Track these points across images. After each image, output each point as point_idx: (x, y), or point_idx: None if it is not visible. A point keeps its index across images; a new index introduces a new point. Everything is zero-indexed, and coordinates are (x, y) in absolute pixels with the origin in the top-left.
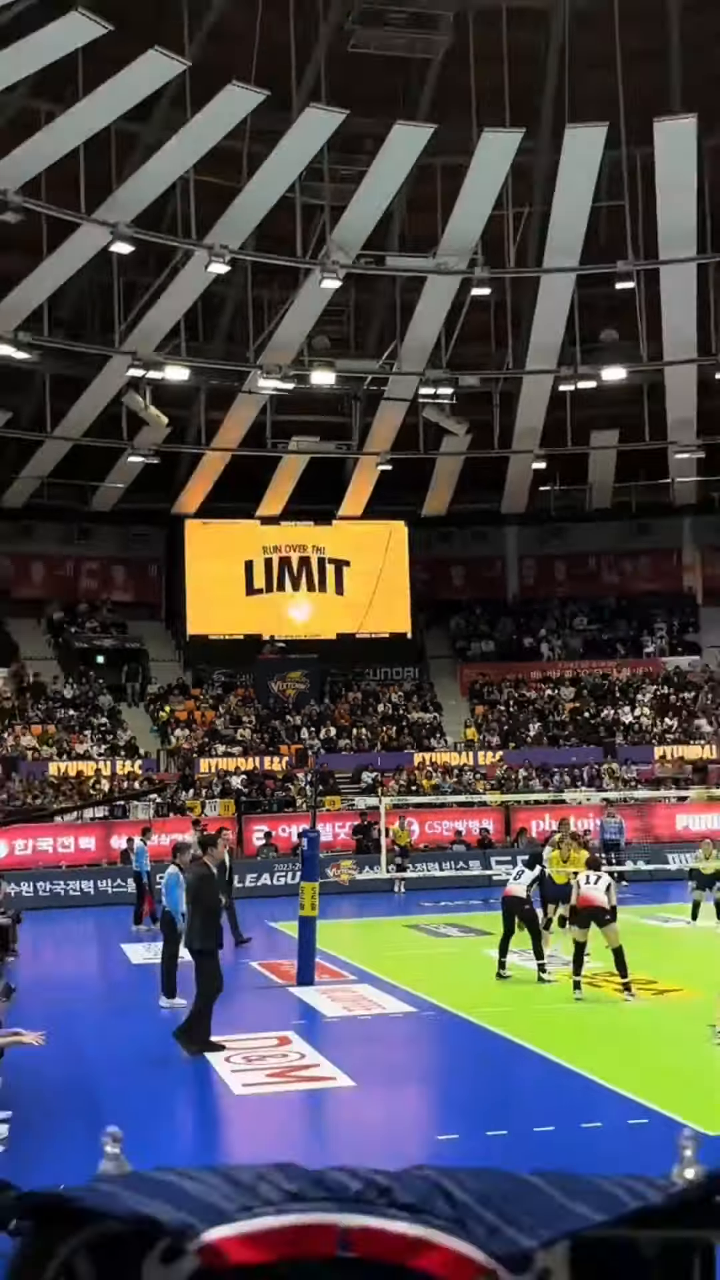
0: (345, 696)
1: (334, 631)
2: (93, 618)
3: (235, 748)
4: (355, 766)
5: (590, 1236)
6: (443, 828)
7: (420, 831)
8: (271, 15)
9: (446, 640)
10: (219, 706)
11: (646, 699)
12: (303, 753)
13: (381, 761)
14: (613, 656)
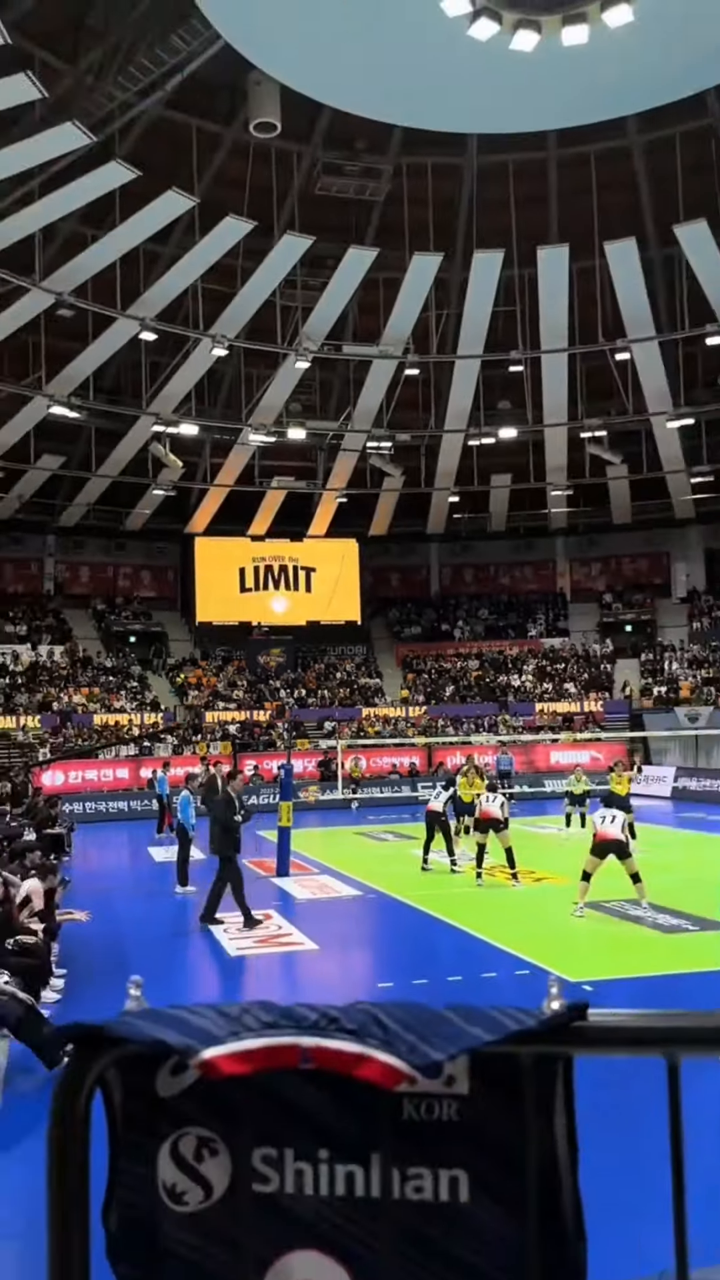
0: (312, 667)
1: (304, 619)
2: (126, 609)
3: (232, 704)
4: (319, 718)
5: (484, 1051)
6: (383, 762)
7: (367, 765)
8: (259, 165)
9: (386, 626)
10: (220, 674)
11: (530, 669)
12: (281, 708)
13: (338, 714)
14: (506, 638)
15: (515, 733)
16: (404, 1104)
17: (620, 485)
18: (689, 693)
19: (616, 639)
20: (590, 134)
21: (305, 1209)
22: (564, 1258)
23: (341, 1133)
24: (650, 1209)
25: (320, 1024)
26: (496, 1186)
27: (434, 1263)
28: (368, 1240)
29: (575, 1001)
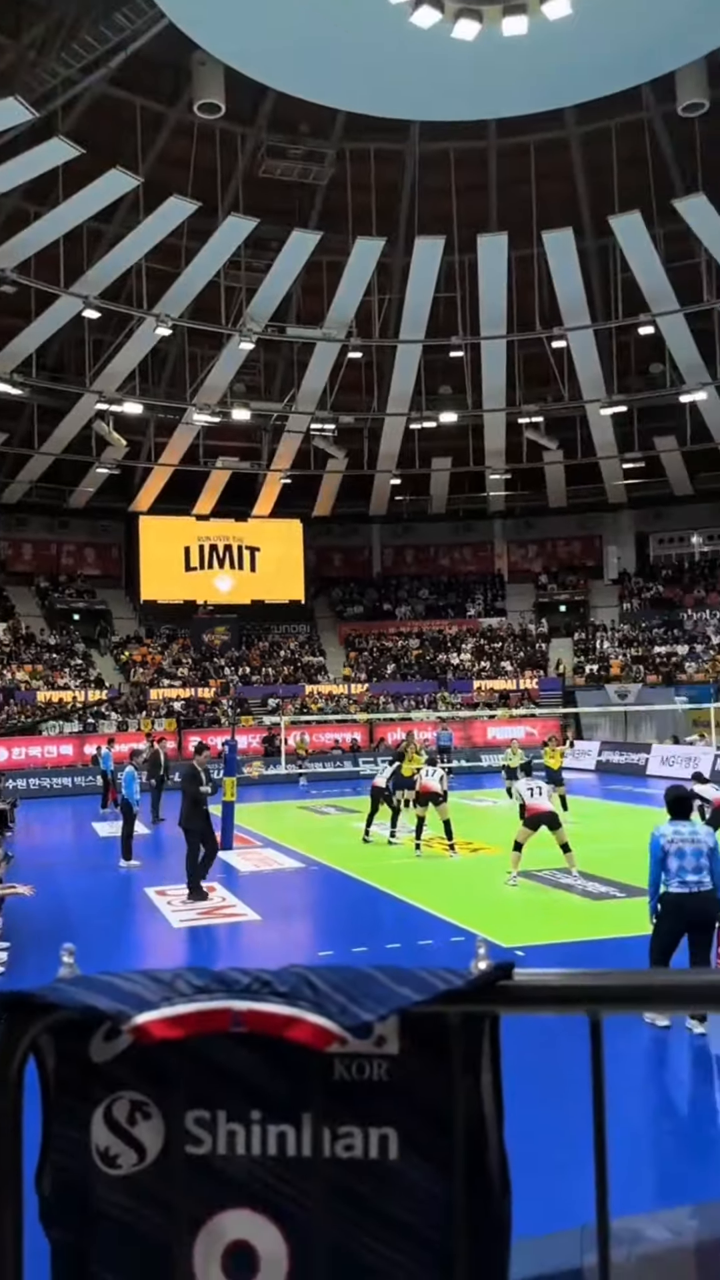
0: (257, 645)
1: (249, 598)
2: (70, 586)
3: (177, 681)
4: (263, 695)
5: (412, 1011)
6: (325, 738)
7: (311, 741)
8: (203, 146)
9: (329, 605)
10: (164, 651)
11: (468, 648)
12: (226, 685)
13: (282, 691)
14: (445, 618)
15: (454, 709)
16: (335, 1064)
17: (556, 470)
18: (619, 671)
19: (551, 619)
20: (529, 124)
21: (237, 1169)
22: (490, 1212)
23: (273, 1094)
24: (576, 1163)
25: (252, 987)
26: (425, 1144)
27: (364, 1219)
28: (299, 1198)
29: (501, 961)
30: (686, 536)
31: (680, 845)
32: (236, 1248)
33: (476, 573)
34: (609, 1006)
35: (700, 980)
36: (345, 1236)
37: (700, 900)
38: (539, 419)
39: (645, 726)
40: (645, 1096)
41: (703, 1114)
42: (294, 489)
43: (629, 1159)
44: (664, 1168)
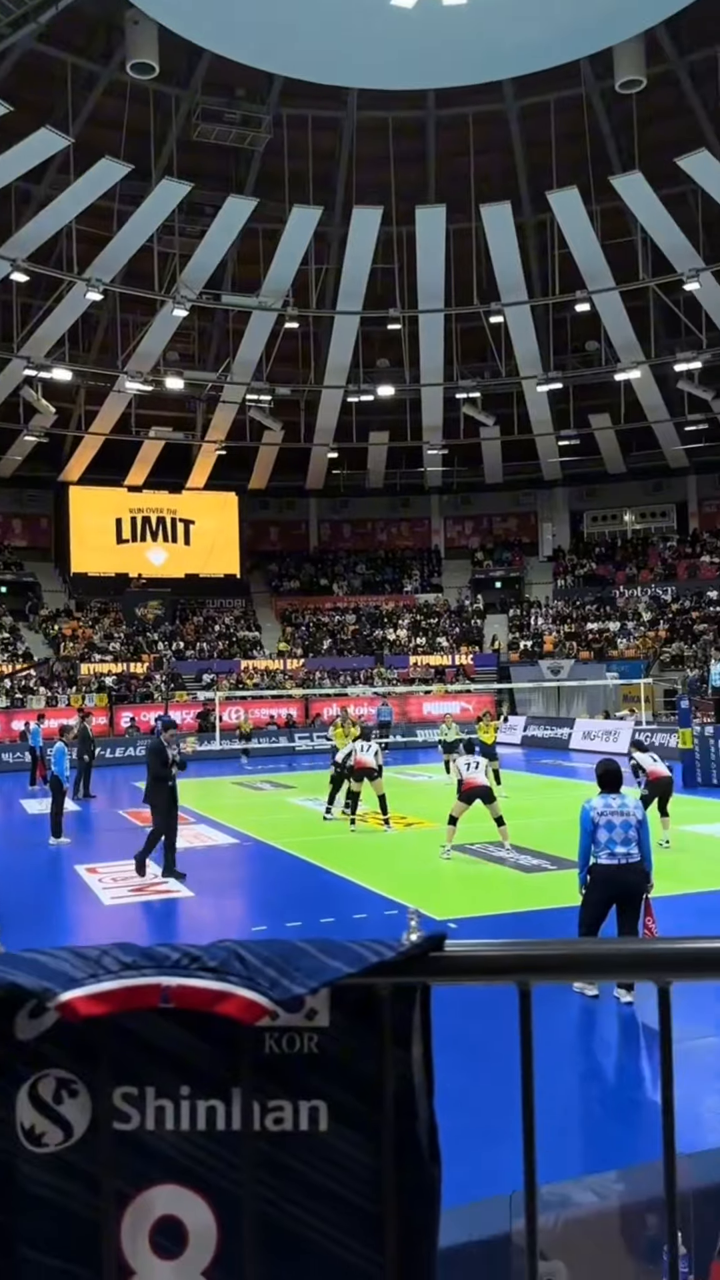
0: (191, 620)
1: (183, 572)
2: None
3: (108, 656)
4: (198, 670)
5: (343, 983)
6: (261, 714)
7: (244, 716)
8: (137, 107)
9: (265, 580)
10: (95, 626)
11: (405, 623)
12: (159, 660)
13: (217, 667)
14: (382, 593)
15: (390, 685)
16: (265, 1038)
17: (493, 446)
18: (552, 646)
19: (487, 595)
20: (468, 95)
21: (166, 1145)
22: (419, 1181)
23: (203, 1069)
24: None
25: (181, 963)
26: (355, 1115)
27: (294, 1190)
28: (228, 1172)
29: (433, 933)
30: (619, 514)
31: (610, 818)
32: (165, 1223)
33: (413, 548)
34: (537, 976)
35: (625, 949)
36: (275, 1209)
37: (628, 872)
38: (476, 395)
39: (577, 702)
40: (575, 1064)
41: (629, 1080)
42: (229, 461)
43: (559, 1126)
44: (592, 1134)
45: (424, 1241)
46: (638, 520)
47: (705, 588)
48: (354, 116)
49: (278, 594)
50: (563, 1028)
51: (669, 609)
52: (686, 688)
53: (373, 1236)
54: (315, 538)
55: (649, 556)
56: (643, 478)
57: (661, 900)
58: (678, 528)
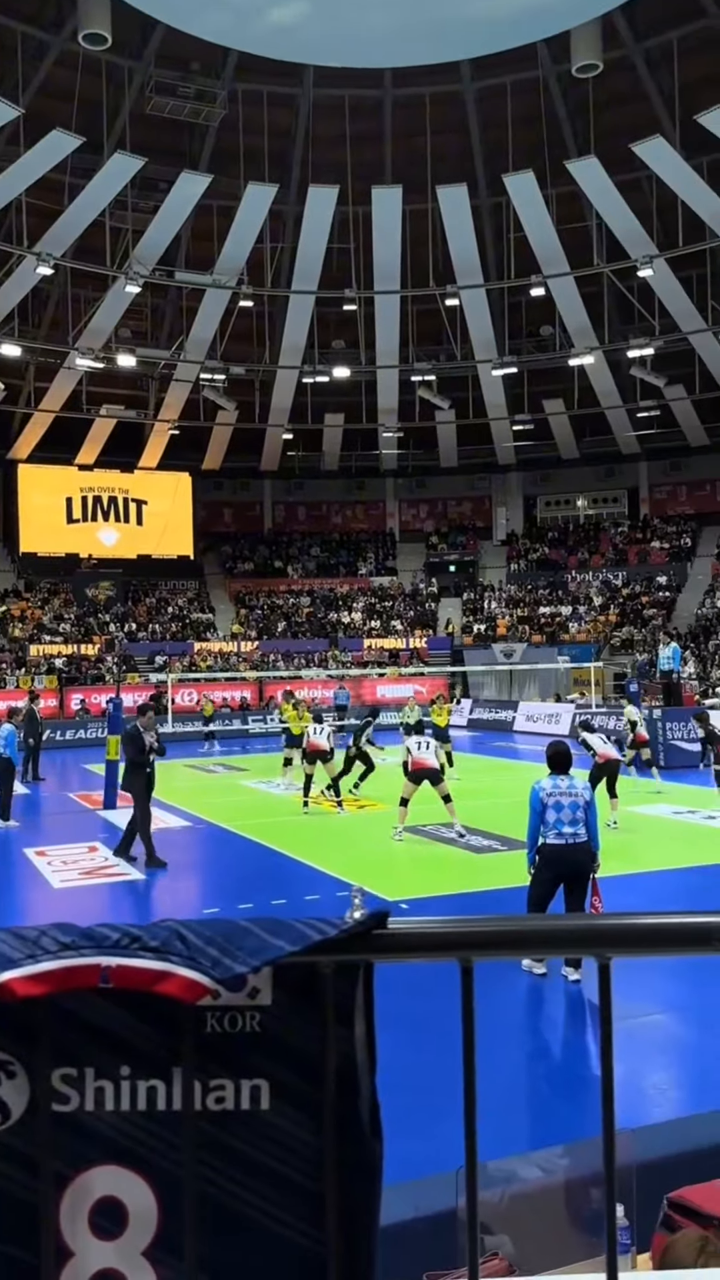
0: (143, 601)
1: (135, 552)
2: None
3: (58, 638)
4: (150, 652)
5: (286, 962)
6: (215, 697)
7: (198, 699)
8: (89, 78)
9: (219, 561)
10: (45, 607)
11: (359, 606)
12: (110, 642)
13: (170, 649)
14: (337, 576)
15: (344, 667)
16: (207, 1018)
17: (448, 430)
18: (505, 630)
19: (441, 578)
20: (425, 76)
21: (106, 1126)
22: (361, 1158)
23: (143, 1049)
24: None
25: (121, 943)
26: (297, 1093)
27: (235, 1169)
28: (169, 1152)
29: (376, 910)
30: (572, 499)
31: (558, 799)
32: (104, 1204)
33: (368, 531)
34: (478, 953)
35: (564, 925)
36: (216, 1188)
37: (576, 851)
38: (431, 378)
39: (529, 685)
40: (522, 1041)
41: (576, 1057)
42: (182, 441)
43: (506, 1102)
44: (539, 1109)
45: (365, 1218)
46: (590, 505)
47: (655, 573)
48: (310, 94)
49: (231, 576)
50: (511, 1005)
51: (620, 594)
52: (636, 671)
53: (314, 1214)
54: (270, 519)
55: (600, 542)
56: (595, 463)
57: (609, 880)
58: (629, 513)
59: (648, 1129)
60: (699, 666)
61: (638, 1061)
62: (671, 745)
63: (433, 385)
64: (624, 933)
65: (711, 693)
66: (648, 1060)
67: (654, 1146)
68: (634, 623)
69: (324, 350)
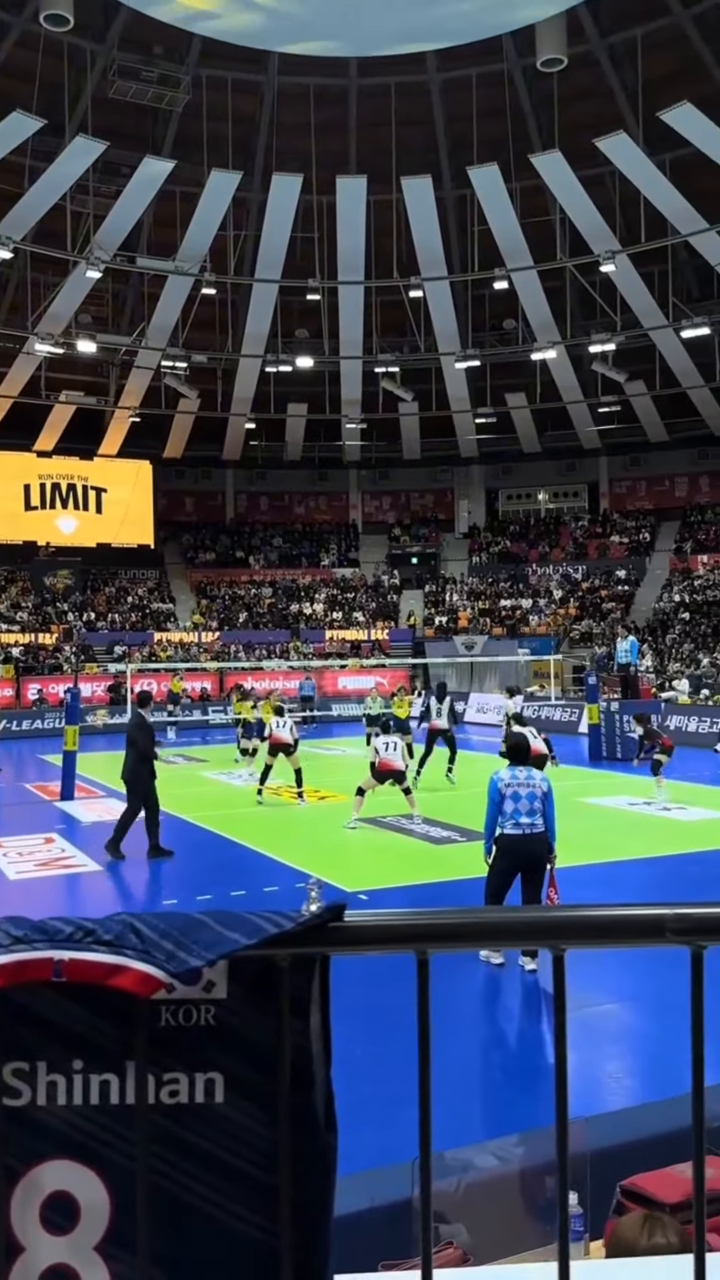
0: (103, 590)
1: (94, 541)
2: None
3: (15, 626)
4: (109, 642)
5: (241, 955)
6: None
7: (157, 689)
8: (50, 60)
9: (180, 551)
10: (2, 595)
11: (321, 597)
12: (69, 631)
13: (129, 639)
14: (299, 567)
15: (306, 659)
16: (162, 1011)
17: (411, 422)
18: (466, 623)
19: (403, 570)
20: (390, 65)
21: (58, 1120)
22: (314, 1150)
23: (96, 1043)
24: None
25: (75, 936)
26: (251, 1086)
27: (188, 1163)
28: (122, 1146)
29: (332, 903)
30: (533, 493)
31: (516, 789)
32: (56, 1198)
33: (331, 522)
34: (435, 945)
35: (520, 918)
36: (169, 1182)
37: (532, 842)
38: (395, 369)
39: (490, 677)
40: (480, 1032)
41: (532, 1047)
42: (143, 428)
43: (463, 1093)
44: (495, 1099)
45: (319, 1211)
46: (551, 499)
47: (614, 567)
48: (275, 81)
49: (192, 566)
50: (468, 996)
51: (579, 587)
52: (594, 664)
53: (268, 1207)
54: (232, 509)
55: (561, 536)
56: (556, 458)
57: (565, 871)
58: (589, 508)
59: (602, 1117)
60: (656, 660)
61: (592, 1051)
62: (628, 738)
63: (396, 377)
64: (578, 924)
65: (668, 686)
66: (602, 1050)
67: (608, 1135)
68: (593, 616)
69: (287, 340)
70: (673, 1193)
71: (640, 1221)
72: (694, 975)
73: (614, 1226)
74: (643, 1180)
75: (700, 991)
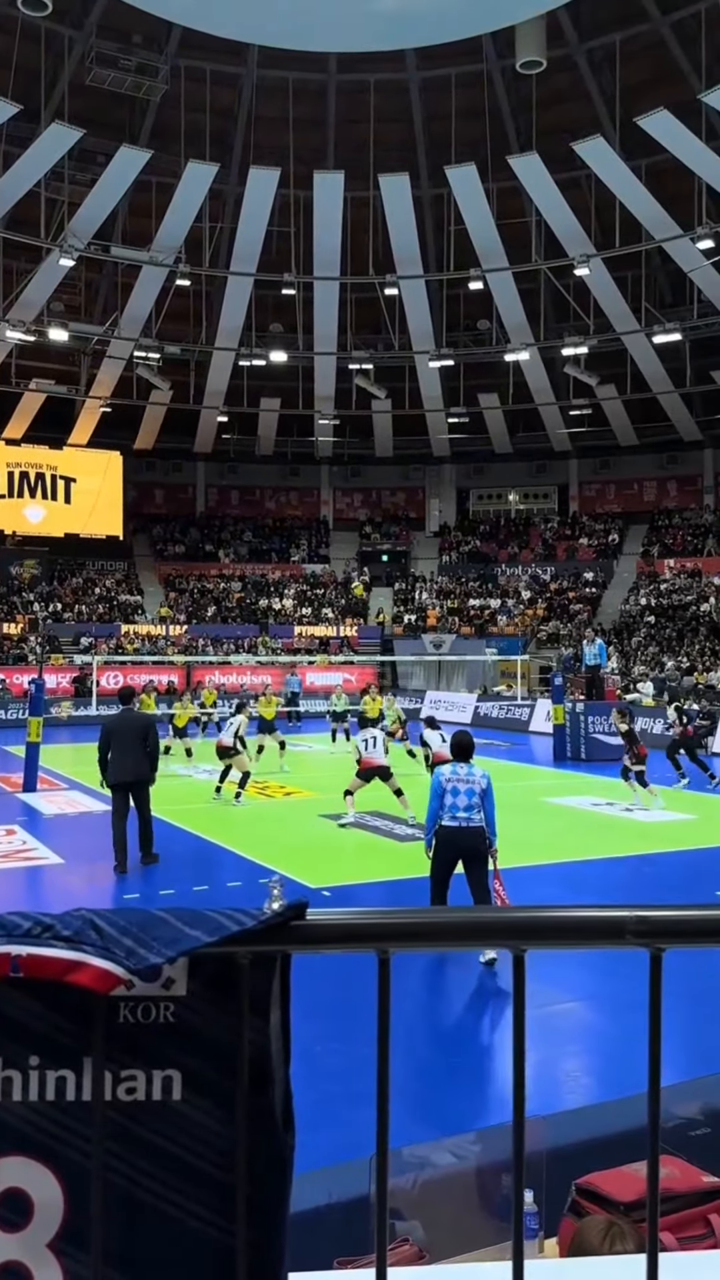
0: (70, 581)
1: (62, 531)
2: None
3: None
4: (75, 633)
5: (202, 953)
6: (140, 680)
7: (123, 681)
8: (27, 45)
9: (149, 543)
10: None
11: (291, 593)
12: (34, 621)
13: (96, 631)
14: (269, 562)
15: (274, 654)
16: (120, 1008)
17: (384, 419)
18: (435, 621)
19: (373, 568)
20: (370, 62)
21: (13, 1117)
22: (271, 1148)
23: (53, 1039)
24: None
25: (33, 931)
26: (209, 1084)
27: (144, 1160)
28: (76, 1142)
29: (295, 901)
30: (504, 494)
31: (456, 784)
32: (9, 1195)
33: (302, 518)
34: (397, 944)
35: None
36: (125, 1179)
37: (469, 834)
38: (368, 366)
39: (458, 676)
40: (437, 1028)
41: (489, 1043)
42: (114, 419)
43: (421, 1089)
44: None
45: (275, 1210)
46: (521, 500)
47: (582, 569)
48: (254, 74)
49: (162, 558)
50: (428, 992)
51: (548, 588)
52: (561, 665)
53: (224, 1205)
54: (202, 502)
55: (530, 537)
56: (527, 459)
57: (528, 870)
58: (559, 509)
59: (558, 1115)
60: (621, 662)
61: (550, 1050)
62: (593, 739)
63: (370, 374)
64: (540, 925)
65: (632, 688)
66: (560, 1048)
67: (564, 1133)
68: (560, 617)
69: (261, 334)
70: (627, 1191)
71: (603, 1229)
72: (652, 977)
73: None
74: (598, 1179)
75: (658, 994)
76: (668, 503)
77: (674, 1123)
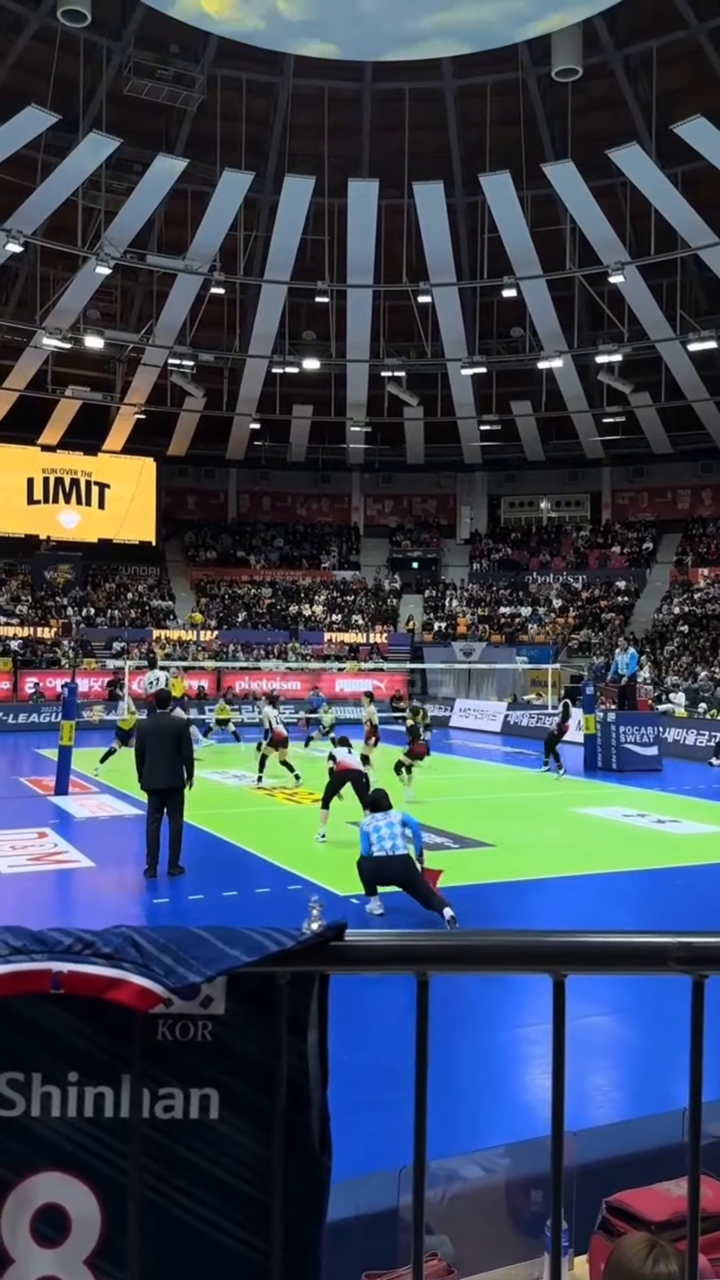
0: (103, 586)
1: (96, 536)
2: None
3: (14, 619)
4: (108, 638)
5: (241, 972)
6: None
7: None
8: (66, 56)
9: (181, 549)
10: (2, 588)
11: (321, 599)
12: (68, 626)
13: (128, 635)
14: (299, 568)
15: (304, 660)
16: (159, 1025)
17: (416, 427)
18: (465, 629)
19: (404, 575)
20: (405, 71)
21: (52, 1132)
22: (308, 1169)
23: (92, 1055)
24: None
25: (74, 948)
26: (247, 1103)
27: (181, 1178)
28: (115, 1160)
29: (334, 922)
30: (535, 501)
31: (376, 824)
32: (47, 1210)
33: (333, 524)
34: (435, 967)
35: (520, 942)
36: (161, 1197)
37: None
38: (401, 374)
39: (487, 685)
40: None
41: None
42: (148, 425)
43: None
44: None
45: (311, 1230)
46: (553, 508)
47: (614, 578)
48: (290, 83)
49: (193, 564)
50: (459, 1005)
51: (579, 597)
52: (592, 675)
53: (260, 1224)
54: (234, 508)
55: (562, 544)
56: (559, 466)
57: (561, 880)
58: (591, 518)
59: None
60: (654, 671)
61: (581, 1063)
62: (625, 749)
63: (402, 382)
64: (581, 951)
65: (665, 698)
66: (591, 1062)
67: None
68: (592, 626)
69: (294, 341)
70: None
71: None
72: (694, 1004)
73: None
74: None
75: (700, 1021)
76: (702, 511)
77: (705, 1141)
